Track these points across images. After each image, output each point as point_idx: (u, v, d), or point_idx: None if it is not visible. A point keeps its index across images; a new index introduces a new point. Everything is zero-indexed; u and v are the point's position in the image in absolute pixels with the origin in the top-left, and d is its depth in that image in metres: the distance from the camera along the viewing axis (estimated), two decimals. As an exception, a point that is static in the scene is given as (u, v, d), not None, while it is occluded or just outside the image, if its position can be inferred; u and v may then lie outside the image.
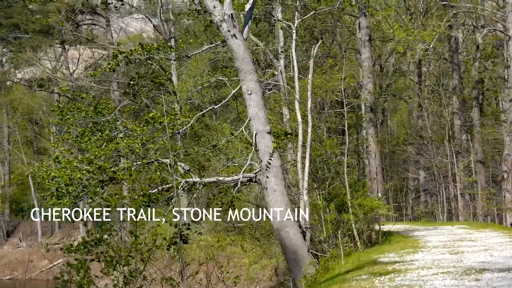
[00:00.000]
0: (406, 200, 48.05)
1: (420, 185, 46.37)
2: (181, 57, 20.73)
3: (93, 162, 16.48)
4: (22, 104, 67.11)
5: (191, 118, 19.30)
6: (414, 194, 47.82)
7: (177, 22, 52.21)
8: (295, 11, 23.62)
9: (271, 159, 16.74)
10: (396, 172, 50.65)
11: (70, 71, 59.72)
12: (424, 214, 43.39)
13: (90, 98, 18.42)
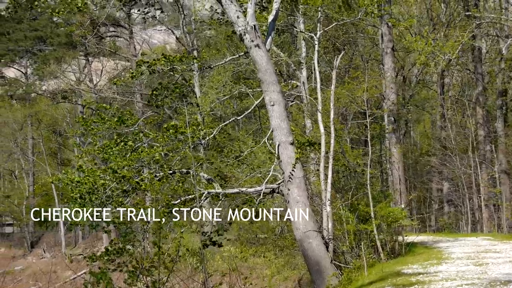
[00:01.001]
0: (430, 211, 47.77)
1: (443, 196, 46.11)
2: (204, 68, 20.82)
3: (117, 172, 16.56)
4: (46, 115, 67.65)
5: (213, 129, 19.35)
6: (438, 205, 47.55)
7: (200, 33, 52.42)
8: (317, 22, 23.63)
9: (294, 170, 16.72)
10: (420, 182, 50.41)
11: (94, 83, 60.11)
12: (448, 225, 43.09)
13: (114, 109, 18.53)
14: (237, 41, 27.71)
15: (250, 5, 16.87)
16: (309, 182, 23.58)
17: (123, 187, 16.81)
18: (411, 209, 42.23)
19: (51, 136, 71.92)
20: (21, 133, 69.00)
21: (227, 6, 16.66)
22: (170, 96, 18.66)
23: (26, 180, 71.50)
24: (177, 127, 17.88)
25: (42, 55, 64.86)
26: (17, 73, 74.02)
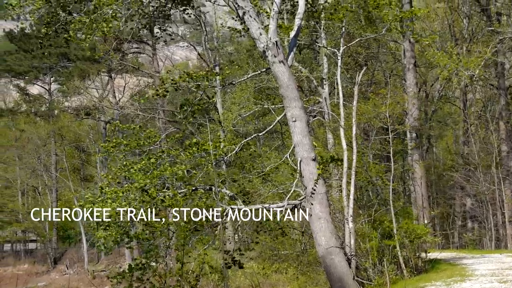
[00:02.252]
0: (453, 227, 47.45)
1: (467, 212, 45.80)
2: (226, 84, 20.89)
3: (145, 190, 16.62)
4: (69, 132, 68.12)
5: (236, 145, 19.37)
6: (461, 221, 47.23)
7: (222, 50, 52.65)
8: (340, 37, 23.66)
9: (316, 186, 16.68)
10: (443, 198, 50.11)
11: (116, 99, 60.47)
12: (471, 242, 42.80)
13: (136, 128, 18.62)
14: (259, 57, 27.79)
15: (272, 21, 16.93)
16: (331, 198, 23.54)
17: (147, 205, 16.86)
18: (434, 225, 41.97)
19: (74, 152, 72.41)
20: (44, 149, 69.48)
21: (249, 22, 16.72)
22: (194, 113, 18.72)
23: (50, 196, 71.92)
24: (199, 144, 17.93)
25: (66, 71, 65.36)
26: (41, 89, 74.66)
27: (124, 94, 64.09)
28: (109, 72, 60.92)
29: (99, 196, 17.37)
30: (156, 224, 16.95)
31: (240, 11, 16.69)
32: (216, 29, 49.57)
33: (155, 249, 15.98)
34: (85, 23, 16.62)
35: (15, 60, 67.33)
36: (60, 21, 17.25)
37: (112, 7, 16.31)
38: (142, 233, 16.83)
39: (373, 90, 34.23)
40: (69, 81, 64.00)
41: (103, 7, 16.43)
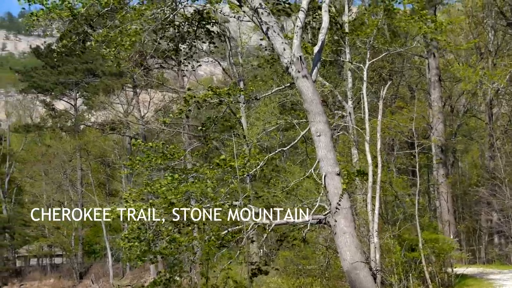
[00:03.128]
0: (480, 242, 47.06)
1: (493, 227, 45.42)
2: (251, 99, 20.92)
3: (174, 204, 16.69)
4: (95, 147, 68.51)
5: (260, 160, 19.39)
6: (488, 236, 46.84)
7: (246, 65, 52.78)
8: (367, 50, 23.66)
9: (340, 201, 16.64)
10: (469, 213, 49.76)
11: (141, 114, 60.79)
12: (498, 257, 42.41)
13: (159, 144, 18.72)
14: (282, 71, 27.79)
15: (296, 36, 16.96)
16: (356, 213, 23.47)
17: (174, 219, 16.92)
18: (460, 240, 41.68)
19: (99, 167, 72.79)
20: (70, 164, 69.95)
21: (273, 37, 16.77)
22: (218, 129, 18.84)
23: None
24: (225, 161, 17.99)
25: (92, 86, 65.81)
26: (66, 105, 75.26)
27: (149, 109, 64.43)
28: (134, 88, 61.28)
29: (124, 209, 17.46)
30: (180, 239, 17.00)
31: (264, 26, 16.74)
32: (240, 44, 49.74)
33: (179, 264, 16.03)
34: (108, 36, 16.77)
35: (41, 76, 67.95)
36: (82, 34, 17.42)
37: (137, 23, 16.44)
38: (167, 249, 16.89)
39: (397, 104, 34.14)
40: (94, 96, 64.45)
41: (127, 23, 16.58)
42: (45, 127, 74.24)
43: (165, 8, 16.70)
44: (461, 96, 47.90)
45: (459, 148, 52.67)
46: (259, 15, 16.70)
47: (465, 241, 44.94)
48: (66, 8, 16.41)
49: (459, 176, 54.66)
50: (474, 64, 37.80)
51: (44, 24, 16.63)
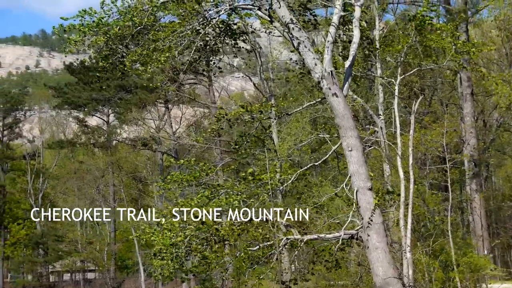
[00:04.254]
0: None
1: (528, 243, 44.94)
2: (282, 115, 20.96)
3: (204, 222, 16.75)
4: (127, 162, 68.87)
5: (291, 175, 19.38)
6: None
7: (277, 80, 52.84)
8: (398, 65, 23.59)
9: (372, 216, 16.58)
10: (503, 228, 49.25)
11: (173, 130, 61.07)
12: (533, 273, 41.88)
13: (192, 161, 18.84)
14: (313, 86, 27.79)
15: (327, 51, 16.98)
16: (388, 228, 23.34)
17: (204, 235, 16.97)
18: (495, 255, 41.22)
19: (131, 182, 73.17)
20: (102, 180, 70.37)
21: (304, 53, 16.80)
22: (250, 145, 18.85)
23: (108, 226, 72.72)
24: (255, 174, 18.01)
25: (124, 102, 66.22)
26: (99, 121, 75.84)
27: (180, 124, 64.72)
28: (166, 103, 61.60)
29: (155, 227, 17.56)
30: (211, 257, 17.04)
31: (295, 42, 16.79)
32: (271, 59, 49.84)
33: (211, 280, 16.07)
34: (141, 55, 16.92)
35: (74, 92, 68.60)
36: (117, 54, 17.60)
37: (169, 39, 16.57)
38: (198, 266, 16.93)
39: (429, 119, 33.92)
40: (127, 112, 64.86)
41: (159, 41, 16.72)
42: (78, 143, 74.84)
43: (196, 24, 16.82)
44: (494, 110, 47.53)
45: (492, 163, 52.18)
46: (290, 30, 16.75)
47: (500, 257, 44.44)
48: (101, 32, 16.62)
49: (493, 191, 54.13)
50: (508, 79, 37.47)
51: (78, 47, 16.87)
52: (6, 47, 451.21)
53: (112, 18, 16.79)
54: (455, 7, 38.85)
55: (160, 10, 17.09)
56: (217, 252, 17.58)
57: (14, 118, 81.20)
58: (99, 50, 17.33)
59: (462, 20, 36.10)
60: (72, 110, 75.19)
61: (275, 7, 16.78)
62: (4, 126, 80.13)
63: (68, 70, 72.54)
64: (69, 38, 16.74)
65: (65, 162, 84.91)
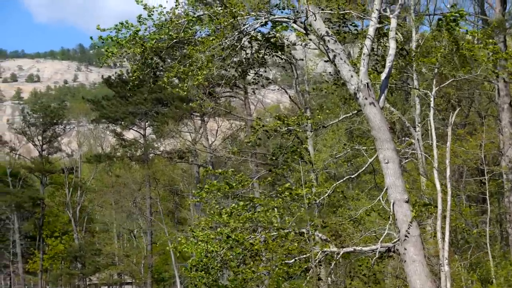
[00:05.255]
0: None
1: None
2: (318, 127, 20.96)
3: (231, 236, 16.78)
4: (163, 175, 69.14)
5: (327, 188, 19.34)
6: None
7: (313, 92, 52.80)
8: (432, 79, 23.48)
9: (409, 229, 16.47)
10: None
11: (209, 143, 61.25)
12: None
13: (229, 173, 18.89)
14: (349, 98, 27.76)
15: (363, 63, 16.96)
16: (425, 241, 23.16)
17: (237, 251, 17.00)
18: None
19: (168, 195, 73.43)
20: (139, 193, 70.75)
21: (340, 65, 16.80)
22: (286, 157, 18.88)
23: (145, 239, 73.09)
24: (291, 189, 18.02)
25: (161, 115, 66.56)
26: (136, 134, 76.36)
27: (216, 137, 64.91)
28: (202, 116, 61.83)
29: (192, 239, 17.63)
30: (247, 271, 17.05)
31: (330, 54, 16.80)
32: (306, 71, 49.82)
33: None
34: (179, 72, 17.06)
35: (111, 107, 69.13)
36: (153, 66, 17.76)
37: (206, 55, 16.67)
38: (234, 280, 16.95)
39: (467, 131, 33.66)
40: (163, 125, 65.19)
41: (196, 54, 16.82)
42: (115, 157, 75.38)
43: (232, 38, 16.90)
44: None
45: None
46: (325, 43, 16.77)
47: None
48: (138, 44, 16.79)
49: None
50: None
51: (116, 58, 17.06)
52: (45, 61, 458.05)
53: (148, 31, 16.98)
54: (492, 18, 38.50)
55: (196, 24, 17.23)
56: (252, 266, 17.58)
57: (53, 132, 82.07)
58: (136, 62, 17.51)
59: (500, 31, 35.80)
60: (110, 124, 75.77)
61: (310, 19, 16.82)
62: (44, 140, 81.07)
63: (105, 83, 73.12)
64: (106, 49, 16.93)
65: (102, 176, 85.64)
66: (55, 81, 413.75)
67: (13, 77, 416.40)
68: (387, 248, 17.44)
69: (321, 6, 17.27)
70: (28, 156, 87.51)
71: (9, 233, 78.11)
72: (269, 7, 17.29)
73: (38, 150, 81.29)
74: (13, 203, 75.44)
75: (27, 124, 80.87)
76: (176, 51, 17.54)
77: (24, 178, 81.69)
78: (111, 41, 16.78)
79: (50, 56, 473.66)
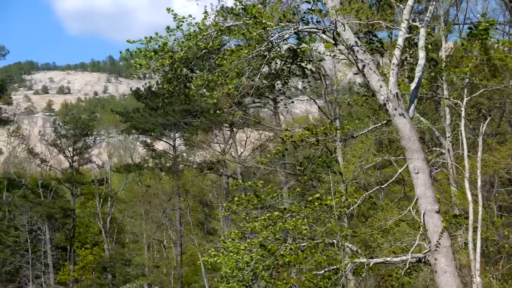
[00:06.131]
0: None
1: None
2: (347, 137, 20.92)
3: (263, 245, 16.80)
4: (193, 186, 69.32)
5: (357, 198, 19.29)
6: None
7: (342, 102, 52.72)
8: (464, 88, 23.35)
9: (440, 239, 16.37)
10: None
11: (238, 153, 61.33)
12: None
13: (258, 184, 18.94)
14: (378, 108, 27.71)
15: (392, 73, 16.93)
16: (456, 251, 22.98)
17: (267, 259, 17.01)
18: None
19: (197, 206, 73.58)
20: (169, 204, 70.96)
21: (369, 75, 16.78)
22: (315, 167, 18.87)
23: (174, 250, 73.19)
24: (320, 200, 18.00)
25: (190, 126, 66.75)
26: (165, 145, 76.64)
27: (245, 148, 64.98)
28: (231, 126, 61.94)
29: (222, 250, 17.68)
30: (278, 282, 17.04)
31: (359, 64, 16.78)
32: (335, 81, 49.76)
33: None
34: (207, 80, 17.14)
35: (140, 119, 69.44)
36: (182, 77, 17.86)
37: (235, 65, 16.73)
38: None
39: (498, 140, 33.33)
40: (193, 136, 65.42)
41: (225, 65, 16.89)
42: (145, 167, 75.71)
43: (261, 49, 16.95)
44: None
45: None
46: (354, 53, 16.76)
47: None
48: (167, 56, 16.90)
49: None
50: None
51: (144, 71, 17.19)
52: (76, 73, 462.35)
53: (177, 42, 17.07)
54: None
55: (225, 34, 17.31)
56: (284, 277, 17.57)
57: (84, 144, 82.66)
58: (165, 73, 17.63)
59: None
60: (139, 135, 76.12)
61: (339, 30, 16.82)
62: (74, 152, 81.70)
63: (134, 95, 73.49)
64: (135, 62, 17.06)
65: (132, 186, 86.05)
66: (85, 92, 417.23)
67: (44, 89, 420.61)
68: (417, 258, 17.34)
69: (350, 16, 17.26)
70: (59, 167, 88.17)
71: (41, 243, 78.64)
72: (298, 18, 17.33)
73: (69, 162, 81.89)
74: (45, 214, 75.96)
75: (58, 136, 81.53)
76: (205, 61, 17.63)
77: (55, 189, 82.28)
78: (140, 53, 16.91)
79: (81, 68, 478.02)
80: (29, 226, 76.77)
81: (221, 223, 63.23)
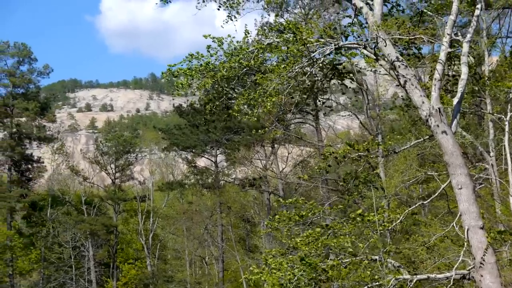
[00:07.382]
0: None
1: None
2: (389, 153, 20.81)
3: (304, 259, 16.76)
4: (235, 202, 69.38)
5: (400, 214, 19.15)
6: None
7: (384, 117, 52.46)
8: (507, 103, 23.13)
9: (485, 255, 16.18)
10: None
11: (280, 169, 61.28)
12: None
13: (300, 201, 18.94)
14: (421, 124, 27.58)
15: (434, 88, 16.83)
16: (501, 268, 22.66)
17: (310, 275, 16.94)
18: None
19: (239, 222, 73.61)
20: (211, 220, 71.12)
21: (411, 90, 16.70)
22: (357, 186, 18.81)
23: (216, 266, 73.25)
24: (363, 216, 17.93)
25: (232, 143, 66.91)
26: (207, 161, 76.94)
27: (287, 164, 64.91)
28: (273, 142, 61.94)
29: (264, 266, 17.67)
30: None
31: (401, 79, 16.72)
32: (377, 96, 49.57)
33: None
34: (249, 98, 17.19)
35: (182, 136, 69.77)
36: (224, 96, 17.94)
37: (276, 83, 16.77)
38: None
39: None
40: (234, 153, 65.53)
41: (265, 82, 16.94)
42: (187, 184, 75.98)
43: (304, 65, 16.97)
44: None
45: None
46: (396, 68, 16.70)
47: None
48: (209, 75, 17.01)
49: None
50: None
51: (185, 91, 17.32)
52: (118, 91, 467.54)
53: (219, 61, 17.18)
54: None
55: (266, 52, 17.37)
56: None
57: (126, 161, 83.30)
58: (207, 92, 17.74)
59: None
60: (181, 152, 76.46)
61: (380, 45, 16.78)
62: (116, 169, 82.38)
63: (177, 112, 73.86)
64: (177, 81, 17.19)
65: (174, 203, 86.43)
66: (127, 110, 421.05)
67: (87, 107, 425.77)
68: (461, 275, 17.15)
69: (391, 31, 17.20)
70: (102, 184, 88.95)
71: (84, 260, 79.35)
72: (338, 32, 17.34)
73: (111, 179, 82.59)
74: (88, 231, 76.69)
75: (100, 153, 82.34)
76: (247, 79, 17.71)
77: (98, 206, 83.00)
78: (183, 73, 17.05)
79: (123, 85, 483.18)
80: (73, 242, 77.51)
81: (263, 239, 63.15)
